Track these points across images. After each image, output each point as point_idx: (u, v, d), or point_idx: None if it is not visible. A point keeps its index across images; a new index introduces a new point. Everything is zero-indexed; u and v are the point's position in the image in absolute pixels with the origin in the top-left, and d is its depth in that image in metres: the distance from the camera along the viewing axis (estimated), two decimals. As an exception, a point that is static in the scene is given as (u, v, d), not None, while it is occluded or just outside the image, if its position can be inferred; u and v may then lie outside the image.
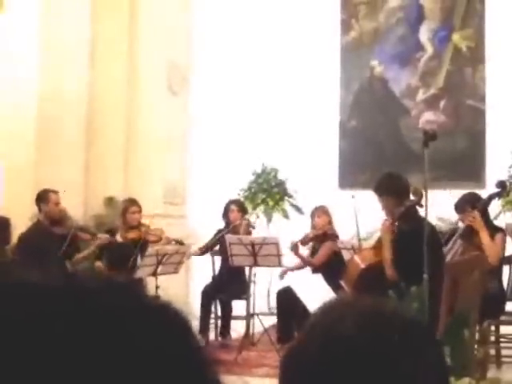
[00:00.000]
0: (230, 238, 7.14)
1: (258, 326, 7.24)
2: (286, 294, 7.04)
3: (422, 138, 5.11)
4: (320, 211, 7.64)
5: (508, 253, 6.39)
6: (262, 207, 10.45)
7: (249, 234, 7.67)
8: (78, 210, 7.79)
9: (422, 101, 10.78)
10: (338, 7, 11.27)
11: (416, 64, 10.82)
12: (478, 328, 5.28)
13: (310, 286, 6.96)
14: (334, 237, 7.46)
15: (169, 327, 0.68)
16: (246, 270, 7.41)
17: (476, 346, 5.08)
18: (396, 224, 5.60)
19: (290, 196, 10.68)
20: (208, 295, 7.63)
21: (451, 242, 6.14)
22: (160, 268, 6.70)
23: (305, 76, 10.89)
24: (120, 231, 7.38)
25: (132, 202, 7.48)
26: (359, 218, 6.81)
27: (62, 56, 8.53)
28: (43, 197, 7.01)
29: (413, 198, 5.66)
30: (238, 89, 10.86)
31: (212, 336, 7.60)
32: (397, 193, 5.61)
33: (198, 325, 7.29)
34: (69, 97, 8.56)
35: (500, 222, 6.71)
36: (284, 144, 10.71)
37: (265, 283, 8.97)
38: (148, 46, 9.27)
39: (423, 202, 5.18)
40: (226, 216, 7.92)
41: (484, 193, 6.61)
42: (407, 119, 10.79)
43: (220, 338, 7.62)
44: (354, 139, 10.99)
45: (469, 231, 6.11)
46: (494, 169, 9.15)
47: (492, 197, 6.36)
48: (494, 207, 6.61)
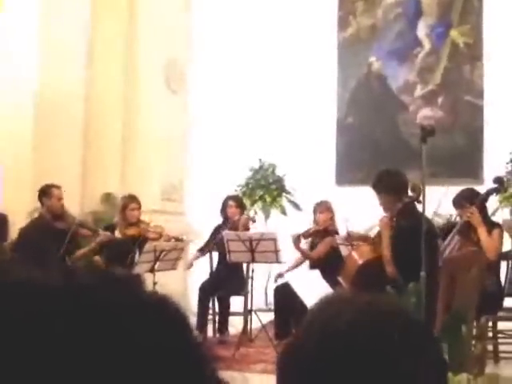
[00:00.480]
0: (227, 234, 7.13)
1: (255, 322, 7.23)
2: (284, 290, 7.04)
3: (420, 133, 5.11)
4: (323, 207, 7.61)
5: (505, 249, 6.39)
6: (259, 203, 10.45)
7: (247, 229, 7.67)
8: (75, 207, 7.78)
9: (420, 97, 10.78)
10: (336, 3, 11.26)
11: (414, 60, 10.82)
12: (475, 324, 5.29)
13: (308, 282, 6.96)
14: (335, 233, 7.44)
15: (167, 323, 0.68)
16: (244, 266, 7.41)
17: (474, 342, 5.08)
18: (394, 220, 5.60)
19: (287, 192, 10.67)
20: (206, 291, 7.63)
21: (449, 237, 6.14)
22: (158, 264, 6.71)
23: (302, 72, 10.88)
24: (119, 228, 7.37)
25: (131, 199, 7.46)
26: (355, 215, 6.82)
27: (61, 55, 8.50)
28: (46, 191, 7.01)
29: (411, 194, 5.66)
30: (236, 86, 10.86)
31: (210, 332, 7.60)
32: (395, 190, 5.60)
33: (196, 321, 7.29)
34: (68, 96, 8.53)
35: (497, 218, 6.71)
36: (281, 140, 10.70)
37: (262, 279, 8.98)
38: (147, 44, 9.26)
39: (421, 198, 5.18)
40: (223, 212, 7.91)
41: (482, 189, 6.60)
42: (405, 115, 10.79)
43: (218, 335, 7.61)
44: (352, 135, 10.98)
45: (466, 227, 6.11)
46: (492, 165, 9.14)
47: (490, 193, 6.36)
48: (492, 203, 6.60)
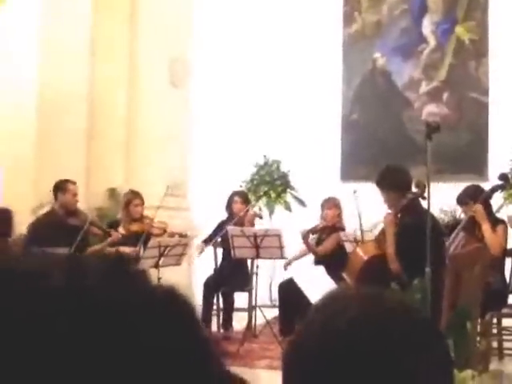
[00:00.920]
0: (232, 229, 7.12)
1: (260, 318, 7.24)
2: (289, 286, 7.03)
3: (425, 130, 5.09)
4: (331, 203, 7.62)
5: (510, 245, 6.38)
6: (264, 199, 10.44)
7: (252, 225, 7.66)
8: (80, 203, 7.77)
9: (425, 93, 10.75)
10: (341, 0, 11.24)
11: (419, 56, 10.79)
12: (480, 321, 5.28)
13: (313, 278, 6.96)
14: (341, 230, 7.46)
15: (174, 318, 0.67)
16: (249, 261, 7.41)
17: (478, 339, 5.08)
18: (399, 216, 5.60)
19: (292, 188, 10.66)
20: (210, 287, 7.63)
21: (453, 234, 6.13)
22: (162, 260, 6.71)
23: (307, 69, 10.86)
24: (123, 224, 7.38)
25: (135, 195, 7.46)
26: (362, 211, 6.81)
27: (62, 55, 8.47)
28: (61, 186, 6.97)
29: (415, 191, 5.66)
30: (240, 82, 10.84)
31: (214, 328, 7.61)
32: (399, 186, 5.60)
33: (200, 317, 7.28)
34: (70, 92, 8.52)
35: (502, 215, 6.70)
36: (286, 137, 10.68)
37: (267, 275, 8.98)
38: (149, 40, 9.23)
39: (426, 194, 5.17)
40: (229, 207, 7.90)
41: (487, 185, 6.59)
42: (410, 112, 10.76)
43: (222, 330, 7.62)
44: (357, 132, 10.96)
45: (471, 223, 6.10)
46: (497, 162, 9.13)
47: (494, 189, 6.35)
48: (497, 200, 6.59)
